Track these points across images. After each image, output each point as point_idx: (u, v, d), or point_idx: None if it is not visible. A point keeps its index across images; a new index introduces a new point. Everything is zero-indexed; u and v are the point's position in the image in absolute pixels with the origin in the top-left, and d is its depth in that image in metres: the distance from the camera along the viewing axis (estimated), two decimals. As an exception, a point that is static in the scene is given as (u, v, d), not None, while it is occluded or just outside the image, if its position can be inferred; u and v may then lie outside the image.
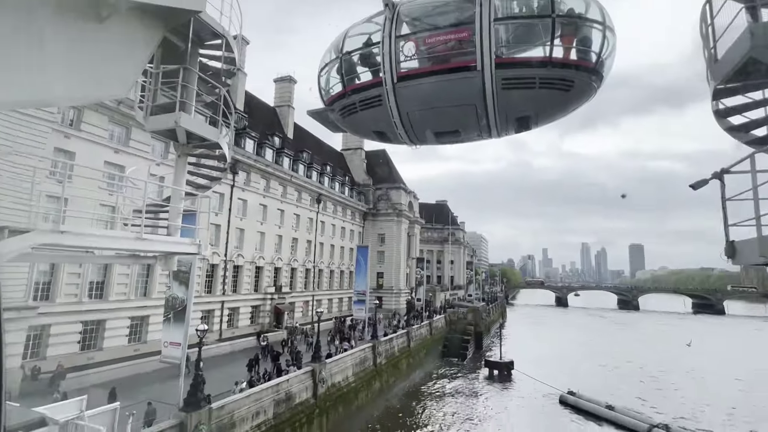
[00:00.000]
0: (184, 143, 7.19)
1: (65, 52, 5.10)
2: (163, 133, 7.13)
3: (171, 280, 17.40)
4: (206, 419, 16.11)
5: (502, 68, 6.33)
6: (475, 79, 6.44)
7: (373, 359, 32.57)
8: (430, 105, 7.30)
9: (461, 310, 62.98)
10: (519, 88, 6.45)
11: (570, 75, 6.48)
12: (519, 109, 7.03)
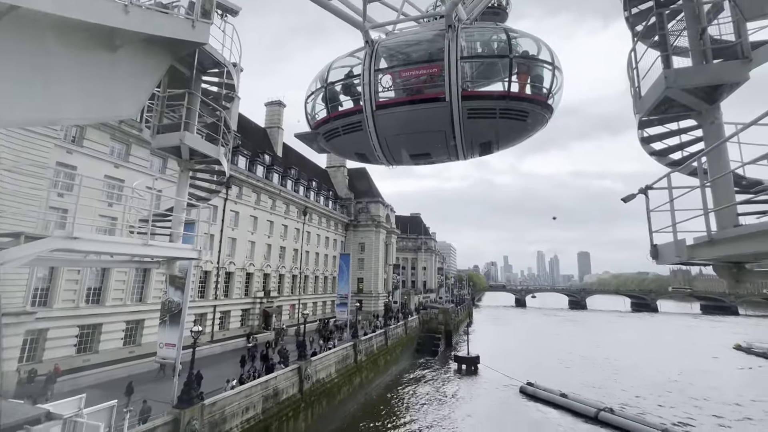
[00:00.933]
0: (187, 159, 7.19)
1: (80, 76, 5.09)
2: (169, 150, 7.10)
3: (167, 285, 16.91)
4: (199, 415, 15.57)
5: (468, 100, 6.67)
6: (444, 108, 6.75)
7: (354, 357, 32.24)
8: (405, 131, 7.56)
9: (433, 311, 63.25)
10: (482, 118, 6.80)
11: (525, 107, 6.88)
12: (482, 136, 7.38)
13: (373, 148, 7.88)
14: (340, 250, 58.46)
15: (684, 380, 40.72)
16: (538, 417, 29.61)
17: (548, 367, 43.37)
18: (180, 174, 7.35)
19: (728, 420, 29.71)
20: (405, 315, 53.93)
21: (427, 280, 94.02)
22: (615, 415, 27.63)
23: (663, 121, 5.16)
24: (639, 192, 4.72)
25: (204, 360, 25.80)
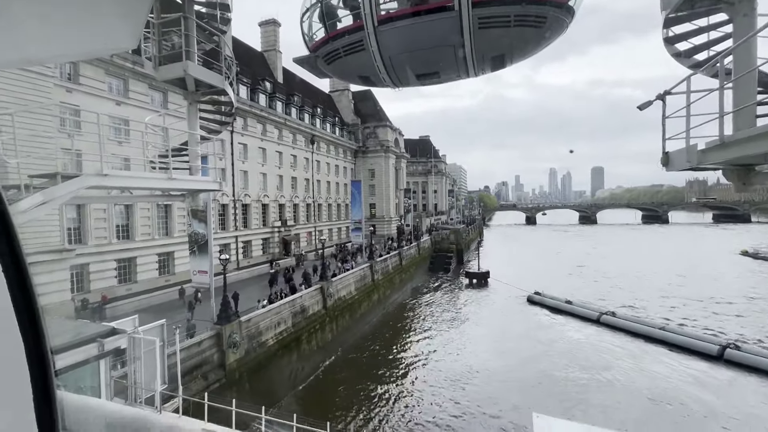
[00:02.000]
0: (193, 91, 7.10)
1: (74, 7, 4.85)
2: (173, 82, 6.99)
3: (190, 219, 17.72)
4: (237, 330, 17.53)
5: (479, 7, 6.14)
6: (453, 19, 6.24)
7: (371, 276, 34.48)
8: (410, 48, 7.05)
9: (444, 232, 65.31)
10: (495, 27, 6.32)
11: (544, 11, 6.29)
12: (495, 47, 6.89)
13: (377, 70, 7.46)
14: (351, 177, 58.77)
15: (685, 285, 42.81)
16: (545, 321, 32.19)
17: (555, 279, 45.71)
18: (188, 107, 7.33)
19: (726, 316, 31.81)
20: (417, 237, 55.95)
21: (438, 203, 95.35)
22: (616, 318, 29.86)
23: (692, 17, 4.79)
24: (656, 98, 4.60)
25: (233, 285, 28.02)
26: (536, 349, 25.77)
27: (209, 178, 6.83)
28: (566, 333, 28.99)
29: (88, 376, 6.16)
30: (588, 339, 27.58)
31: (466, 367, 23.32)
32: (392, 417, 18.33)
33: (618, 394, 19.97)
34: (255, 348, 18.69)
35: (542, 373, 22.34)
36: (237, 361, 17.19)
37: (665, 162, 4.62)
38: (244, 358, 17.70)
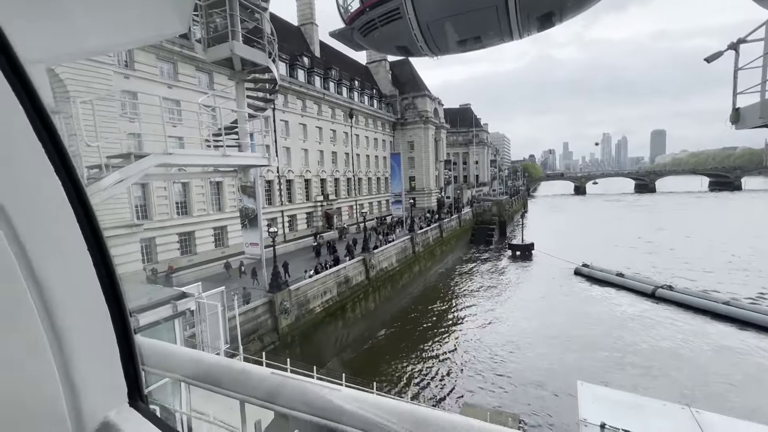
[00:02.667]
0: (239, 70, 7.41)
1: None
2: (220, 62, 7.32)
3: (240, 194, 18.80)
4: (287, 297, 18.75)
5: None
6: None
7: (412, 248, 34.88)
8: (449, 12, 6.76)
9: (486, 203, 63.79)
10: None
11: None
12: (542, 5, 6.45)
13: (415, 38, 7.26)
14: (390, 150, 58.48)
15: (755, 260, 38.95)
16: (594, 294, 31.05)
17: (605, 251, 43.51)
18: (236, 86, 7.68)
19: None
20: (458, 209, 55.22)
21: (479, 174, 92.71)
22: (673, 291, 28.08)
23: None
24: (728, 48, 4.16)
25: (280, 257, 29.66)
26: (583, 322, 25.12)
27: (258, 154, 7.23)
28: (617, 307, 27.86)
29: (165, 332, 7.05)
30: (641, 313, 26.36)
31: (508, 339, 23.37)
32: (433, 383, 19.02)
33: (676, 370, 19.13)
34: (304, 314, 19.95)
35: (589, 346, 21.86)
36: (288, 326, 18.51)
37: (735, 119, 4.22)
38: (294, 324, 19.00)
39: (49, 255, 0.63)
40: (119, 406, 0.75)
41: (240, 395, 2.84)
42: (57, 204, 0.66)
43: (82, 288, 0.69)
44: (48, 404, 0.63)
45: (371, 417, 2.48)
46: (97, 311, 0.72)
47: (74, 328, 0.66)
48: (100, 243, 0.73)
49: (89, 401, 0.69)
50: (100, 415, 0.70)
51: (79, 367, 0.67)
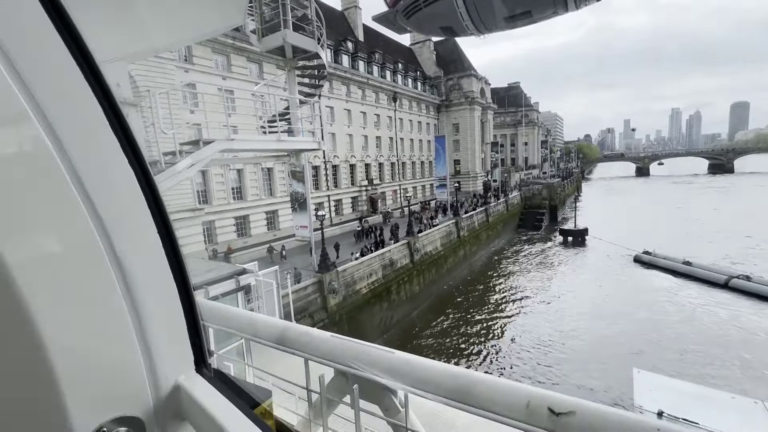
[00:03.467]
0: (291, 57, 7.71)
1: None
2: (273, 51, 7.66)
3: (290, 179, 19.66)
4: (335, 278, 19.53)
5: None
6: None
7: (457, 233, 34.49)
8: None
9: (536, 187, 61.02)
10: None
11: None
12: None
13: (460, 18, 7.07)
14: (434, 133, 57.54)
15: None
16: (656, 283, 28.88)
17: (670, 238, 39.95)
18: (287, 74, 8.01)
19: None
20: (505, 193, 53.41)
21: (528, 156, 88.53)
22: (751, 282, 25.38)
23: None
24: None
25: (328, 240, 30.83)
26: (642, 313, 23.58)
27: (310, 138, 7.55)
28: (683, 297, 25.76)
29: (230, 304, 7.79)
30: (711, 305, 24.14)
31: (557, 327, 22.56)
32: (478, 369, 19.02)
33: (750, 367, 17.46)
34: (351, 295, 20.70)
35: (648, 338, 20.55)
36: (336, 305, 19.35)
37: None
38: (341, 303, 19.81)
39: (126, 238, 0.72)
40: (187, 372, 0.83)
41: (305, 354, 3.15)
42: (132, 193, 0.75)
43: (154, 267, 0.78)
44: (131, 367, 0.74)
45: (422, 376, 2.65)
46: (166, 287, 0.81)
47: (147, 301, 0.75)
48: (167, 225, 0.81)
49: (162, 366, 0.78)
50: (172, 379, 0.79)
51: (153, 336, 0.76)
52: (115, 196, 0.72)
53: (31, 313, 0.62)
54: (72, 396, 0.65)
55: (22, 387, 0.63)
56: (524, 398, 2.21)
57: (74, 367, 0.65)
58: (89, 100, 0.68)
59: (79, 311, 0.67)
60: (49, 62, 0.63)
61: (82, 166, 0.66)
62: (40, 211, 0.63)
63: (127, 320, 0.72)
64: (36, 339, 0.61)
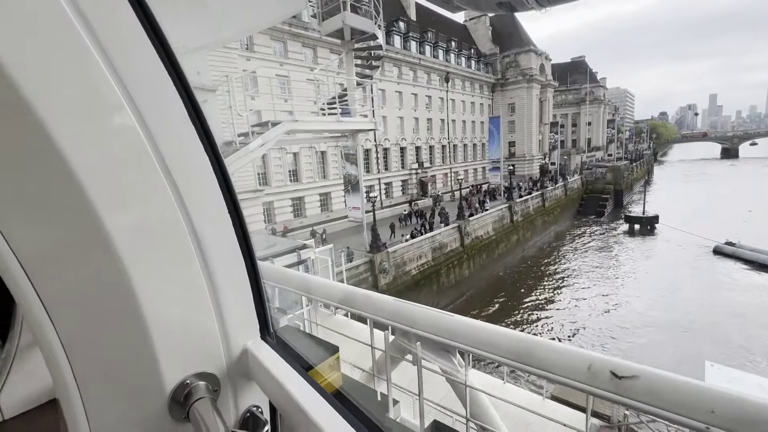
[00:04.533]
0: (349, 39, 7.90)
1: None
2: (332, 34, 7.90)
3: (344, 162, 20.23)
4: (386, 258, 20.00)
5: None
6: None
7: (510, 217, 33.38)
8: None
9: (599, 170, 56.63)
10: None
11: None
12: None
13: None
14: (488, 114, 55.31)
15: None
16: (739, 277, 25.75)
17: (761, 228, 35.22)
18: (345, 56, 8.24)
19: None
20: (564, 176, 50.29)
21: (592, 137, 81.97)
22: None
23: None
24: None
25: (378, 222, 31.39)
26: (720, 310, 21.37)
27: (366, 119, 7.76)
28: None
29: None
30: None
31: (618, 323, 21.05)
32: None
33: None
34: (401, 275, 21.11)
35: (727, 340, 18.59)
36: (387, 285, 19.87)
37: None
38: (392, 283, 20.30)
39: (202, 217, 0.79)
40: (254, 338, 0.90)
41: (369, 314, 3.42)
42: (206, 175, 0.80)
43: (225, 245, 0.85)
44: (209, 333, 0.84)
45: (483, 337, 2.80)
46: (236, 264, 0.88)
47: (221, 276, 0.83)
48: (236, 205, 0.86)
49: (233, 333, 0.86)
50: (241, 344, 0.88)
51: (226, 307, 0.84)
52: (192, 178, 0.77)
53: (133, 285, 0.71)
54: (164, 353, 0.76)
55: (129, 346, 0.75)
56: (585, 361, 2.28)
57: (166, 330, 0.76)
58: (171, 91, 0.73)
59: (168, 284, 0.77)
60: (138, 57, 0.69)
61: (167, 152, 0.73)
62: (136, 191, 0.71)
63: (205, 292, 0.81)
64: (137, 306, 0.72)
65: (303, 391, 0.73)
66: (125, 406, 0.78)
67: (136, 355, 0.75)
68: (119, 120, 0.67)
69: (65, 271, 0.70)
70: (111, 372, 0.77)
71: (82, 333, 0.72)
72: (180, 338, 0.79)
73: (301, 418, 0.68)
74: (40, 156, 0.62)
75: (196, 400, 0.76)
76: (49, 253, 0.68)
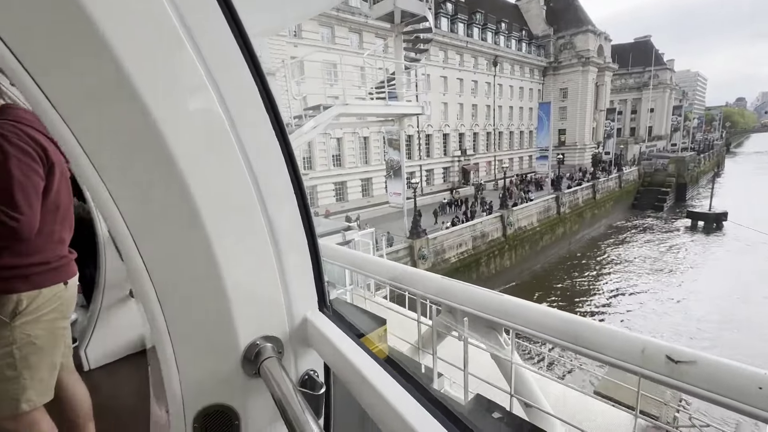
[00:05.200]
0: (399, 23, 7.89)
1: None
2: (382, 17, 7.92)
3: (386, 147, 20.36)
4: (425, 245, 20.06)
5: None
6: None
7: (557, 209, 31.97)
8: None
9: (660, 161, 52.23)
10: None
11: None
12: None
13: None
14: (537, 100, 52.60)
15: None
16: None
17: None
18: (394, 39, 8.24)
19: None
20: (619, 167, 47.02)
21: (653, 125, 75.41)
22: None
23: None
24: None
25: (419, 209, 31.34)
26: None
27: (414, 103, 7.78)
28: None
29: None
30: None
31: (675, 330, 19.39)
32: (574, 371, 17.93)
33: None
34: (439, 262, 21.11)
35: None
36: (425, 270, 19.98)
37: None
38: (430, 269, 20.34)
39: (271, 192, 0.84)
40: (312, 309, 0.97)
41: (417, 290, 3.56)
42: (275, 152, 0.84)
43: (290, 220, 0.89)
44: (275, 301, 0.90)
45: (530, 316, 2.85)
46: (299, 239, 0.92)
47: (286, 250, 0.88)
48: (300, 182, 0.90)
49: (296, 302, 0.93)
50: (302, 313, 0.94)
51: (290, 279, 0.91)
52: (264, 158, 0.81)
53: (216, 254, 0.78)
54: (238, 316, 0.84)
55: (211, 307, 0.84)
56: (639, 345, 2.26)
57: (240, 296, 0.84)
58: (246, 74, 0.76)
59: (243, 256, 0.84)
60: (218, 40, 0.72)
61: (243, 133, 0.77)
62: (219, 170, 0.77)
63: (273, 265, 0.88)
64: (218, 273, 0.80)
65: (358, 355, 0.78)
66: (206, 359, 0.87)
67: (215, 316, 0.84)
68: (204, 102, 0.72)
69: (162, 238, 0.78)
70: (195, 328, 0.86)
71: (173, 291, 0.83)
72: (251, 304, 0.86)
73: (357, 379, 0.74)
74: (145, 138, 0.70)
75: (265, 359, 0.84)
76: (150, 222, 0.77)
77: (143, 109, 0.66)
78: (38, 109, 0.67)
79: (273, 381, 0.78)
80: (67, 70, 0.66)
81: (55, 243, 1.64)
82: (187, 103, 0.71)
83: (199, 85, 0.70)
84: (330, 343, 0.84)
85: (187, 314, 0.84)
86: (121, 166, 0.73)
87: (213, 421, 0.89)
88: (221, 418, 0.89)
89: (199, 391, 0.88)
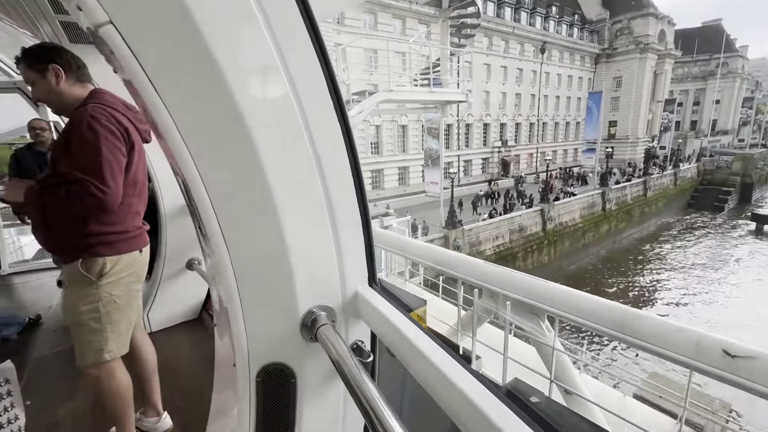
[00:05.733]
0: (446, 7, 7.77)
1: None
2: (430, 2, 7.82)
3: (425, 135, 20.20)
4: (461, 236, 19.86)
5: None
6: None
7: (602, 205, 30.36)
8: None
9: (724, 158, 47.88)
10: None
11: None
12: None
13: None
14: (587, 89, 49.59)
15: None
16: None
17: None
18: (441, 24, 8.13)
19: None
20: (675, 163, 43.62)
21: (718, 118, 68.74)
22: None
23: None
24: None
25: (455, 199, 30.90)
26: None
27: (458, 90, 7.68)
28: None
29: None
30: None
31: None
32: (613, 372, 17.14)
33: None
34: (475, 254, 20.81)
35: None
36: (459, 262, 19.83)
37: None
38: (465, 261, 20.18)
39: (332, 173, 0.89)
40: (363, 284, 1.02)
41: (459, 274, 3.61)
42: (336, 133, 0.88)
43: (347, 200, 0.94)
44: (331, 274, 0.97)
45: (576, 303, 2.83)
46: (354, 218, 0.97)
47: (343, 228, 0.94)
48: (356, 162, 0.94)
49: (349, 277, 0.99)
50: (353, 288, 1.00)
51: (345, 254, 0.96)
52: (327, 140, 0.86)
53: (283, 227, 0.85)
54: (299, 285, 0.91)
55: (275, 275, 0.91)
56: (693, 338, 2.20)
57: (302, 267, 0.90)
58: (313, 58, 0.80)
59: (306, 231, 0.90)
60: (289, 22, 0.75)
61: (310, 115, 0.81)
62: (288, 150, 0.82)
63: (331, 241, 0.93)
64: (283, 244, 0.87)
65: (409, 327, 0.83)
66: (269, 322, 0.95)
67: (279, 284, 0.91)
68: (278, 84, 0.76)
69: (238, 209, 0.86)
70: (262, 293, 0.93)
71: (245, 257, 0.91)
72: (310, 275, 0.93)
73: (406, 347, 0.80)
74: (230, 120, 0.77)
75: (321, 325, 0.91)
76: (229, 194, 0.85)
77: (228, 91, 0.73)
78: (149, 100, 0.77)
79: (330, 344, 0.86)
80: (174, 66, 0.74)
81: (132, 215, 1.82)
82: (264, 87, 0.77)
83: (274, 67, 0.75)
84: (381, 316, 0.90)
85: (255, 280, 0.92)
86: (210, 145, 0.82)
87: (273, 377, 1.00)
88: (280, 375, 1.00)
89: (263, 349, 0.98)
